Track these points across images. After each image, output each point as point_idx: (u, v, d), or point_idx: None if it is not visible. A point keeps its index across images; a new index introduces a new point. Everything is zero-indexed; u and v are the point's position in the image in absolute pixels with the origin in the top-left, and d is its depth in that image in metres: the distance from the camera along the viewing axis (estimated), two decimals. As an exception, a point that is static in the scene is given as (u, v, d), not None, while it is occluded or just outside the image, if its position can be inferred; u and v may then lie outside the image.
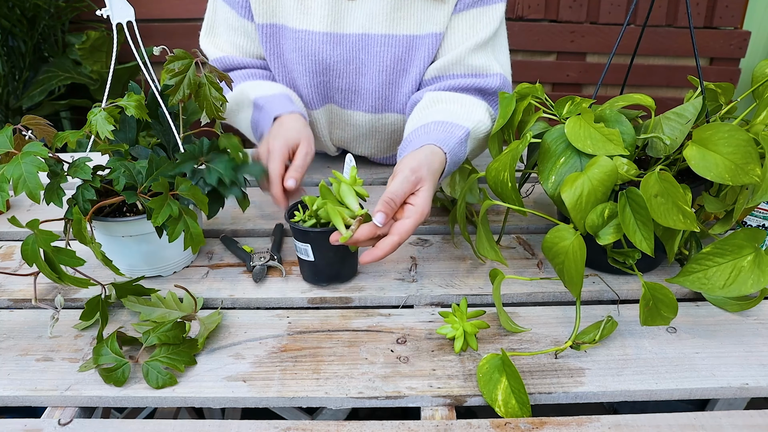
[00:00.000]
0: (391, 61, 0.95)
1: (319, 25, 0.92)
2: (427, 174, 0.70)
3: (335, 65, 0.95)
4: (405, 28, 0.93)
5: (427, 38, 0.94)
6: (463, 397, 0.63)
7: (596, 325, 0.69)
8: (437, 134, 0.78)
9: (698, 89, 0.77)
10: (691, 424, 0.59)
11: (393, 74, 0.96)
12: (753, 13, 2.27)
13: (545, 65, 2.30)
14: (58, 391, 0.63)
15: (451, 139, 0.78)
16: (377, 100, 0.99)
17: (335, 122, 1.06)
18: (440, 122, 0.81)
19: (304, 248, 0.76)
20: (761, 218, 0.89)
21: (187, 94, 0.75)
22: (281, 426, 0.59)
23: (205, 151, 0.77)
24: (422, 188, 0.69)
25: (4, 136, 0.69)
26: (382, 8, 0.91)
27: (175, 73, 0.74)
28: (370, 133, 1.06)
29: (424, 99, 0.91)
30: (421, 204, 0.68)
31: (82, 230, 0.67)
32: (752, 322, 0.73)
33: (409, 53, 0.95)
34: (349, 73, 0.97)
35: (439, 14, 0.92)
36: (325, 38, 0.93)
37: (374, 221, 0.66)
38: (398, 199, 0.67)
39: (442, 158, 0.75)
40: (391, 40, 0.93)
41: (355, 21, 0.93)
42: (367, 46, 0.94)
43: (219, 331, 0.72)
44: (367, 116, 1.02)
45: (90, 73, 2.12)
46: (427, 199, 0.69)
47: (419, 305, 0.78)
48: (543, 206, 1.00)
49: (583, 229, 0.65)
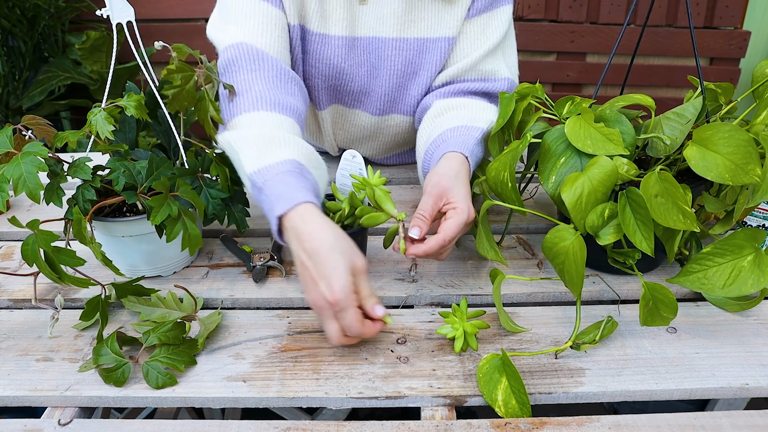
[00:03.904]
0: (402, 65, 0.94)
1: (336, 29, 0.90)
2: (450, 182, 0.74)
3: (349, 69, 0.94)
4: (416, 31, 0.92)
5: (439, 42, 0.93)
6: (463, 397, 0.62)
7: (596, 325, 0.69)
8: (455, 140, 0.81)
9: (698, 89, 0.77)
10: (691, 424, 0.59)
11: (403, 77, 0.96)
12: (753, 13, 2.27)
13: (545, 65, 2.30)
14: (58, 392, 0.63)
15: (469, 141, 0.81)
16: (385, 102, 0.99)
17: (339, 122, 1.05)
18: (455, 128, 0.84)
19: None
20: (761, 218, 0.89)
21: (184, 106, 0.74)
22: (281, 426, 0.59)
23: (205, 167, 0.78)
24: (453, 194, 0.73)
25: (4, 136, 0.69)
26: (393, 11, 0.91)
27: (175, 85, 0.71)
28: (374, 134, 1.06)
29: (433, 107, 0.93)
30: (461, 204, 0.72)
31: (82, 230, 0.67)
32: (752, 322, 0.73)
33: (420, 56, 0.94)
34: (361, 77, 0.96)
35: (451, 18, 0.92)
36: (341, 42, 0.91)
37: (410, 235, 0.71)
38: (427, 213, 0.71)
39: (461, 159, 0.78)
40: (402, 44, 0.92)
41: (367, 24, 0.92)
42: (378, 49, 0.93)
43: (219, 331, 0.72)
44: (372, 118, 1.02)
45: (90, 73, 2.12)
46: (464, 199, 0.72)
47: (419, 305, 0.78)
48: (543, 206, 1.00)
49: (584, 229, 0.65)
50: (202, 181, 0.78)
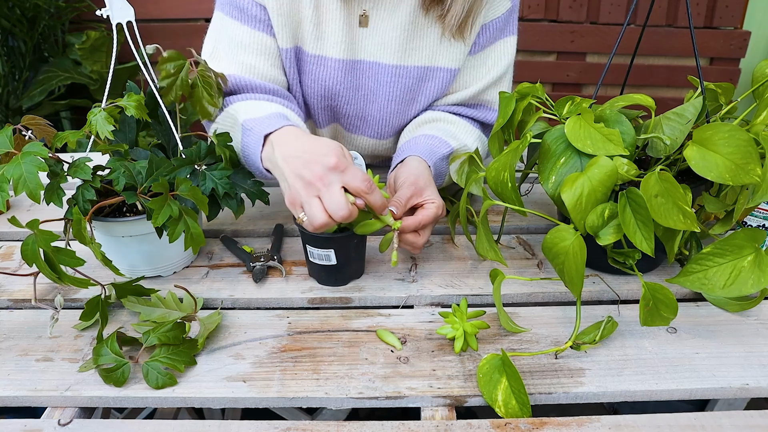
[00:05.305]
0: (400, 92, 0.93)
1: (333, 51, 0.89)
2: (426, 183, 0.80)
3: (344, 92, 0.93)
4: (417, 59, 0.91)
5: (440, 72, 0.93)
6: (463, 398, 0.62)
7: (596, 325, 0.69)
8: (423, 147, 0.87)
9: (698, 89, 0.77)
10: (692, 425, 0.59)
11: (401, 104, 0.95)
12: (753, 13, 2.27)
13: (545, 65, 2.30)
14: (58, 392, 0.63)
15: (435, 155, 0.86)
16: (383, 127, 0.99)
17: (339, 141, 1.06)
18: (430, 136, 0.89)
19: (325, 254, 0.76)
20: (761, 218, 0.89)
21: (179, 95, 0.75)
22: (281, 426, 0.59)
23: (203, 155, 0.77)
24: (429, 193, 0.79)
25: (4, 136, 0.69)
26: (395, 38, 0.89)
27: (169, 74, 0.73)
28: (373, 155, 1.07)
29: (423, 115, 0.96)
30: (438, 201, 0.78)
31: (82, 230, 0.67)
32: (752, 322, 0.73)
33: (419, 84, 0.93)
34: (357, 100, 0.95)
35: (454, 50, 0.91)
36: (338, 65, 0.90)
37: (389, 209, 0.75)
38: (403, 200, 0.76)
39: (427, 166, 0.85)
40: (402, 71, 0.92)
41: (366, 49, 0.90)
42: (377, 74, 0.92)
43: (219, 331, 0.72)
44: (371, 141, 1.02)
45: (90, 73, 2.13)
46: (439, 198, 0.79)
47: (419, 305, 0.78)
48: (543, 206, 1.00)
49: (584, 229, 0.65)
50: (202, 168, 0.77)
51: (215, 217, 0.79)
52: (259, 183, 0.82)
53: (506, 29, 0.94)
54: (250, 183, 0.81)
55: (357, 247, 0.78)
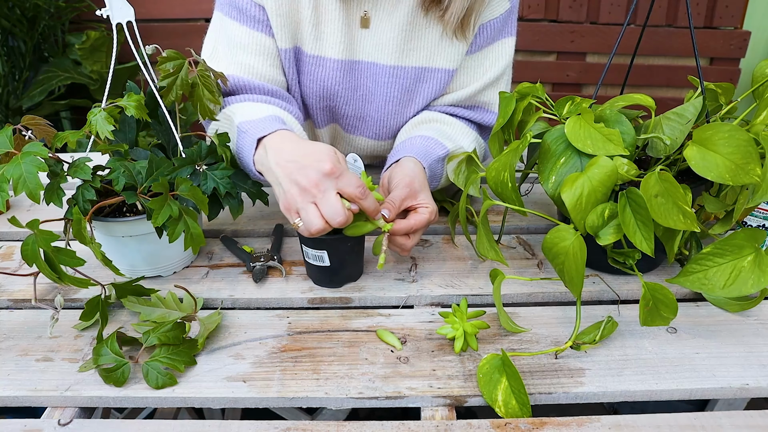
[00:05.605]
0: (398, 92, 0.93)
1: (331, 52, 0.89)
2: (420, 186, 0.80)
3: (343, 92, 0.93)
4: (415, 60, 0.91)
5: (438, 72, 0.93)
6: (463, 398, 0.62)
7: (596, 325, 0.69)
8: (419, 148, 0.86)
9: (698, 89, 0.77)
10: (692, 425, 0.59)
11: (399, 104, 0.95)
12: (753, 13, 2.27)
13: (545, 65, 2.30)
14: (58, 392, 0.63)
15: (431, 156, 0.86)
16: (381, 128, 0.99)
17: (338, 142, 1.06)
18: (426, 137, 0.89)
19: (318, 255, 0.76)
20: (761, 218, 0.89)
21: (180, 94, 0.75)
22: (281, 426, 0.59)
23: (203, 155, 0.77)
24: (423, 196, 0.79)
25: (4, 136, 0.69)
26: (393, 39, 0.89)
27: (168, 73, 0.74)
28: (372, 156, 1.07)
29: (420, 115, 0.96)
30: (432, 206, 0.78)
31: (82, 230, 0.67)
32: (752, 322, 0.73)
33: (417, 85, 0.94)
34: (355, 101, 0.95)
35: (452, 51, 0.91)
36: (336, 65, 0.90)
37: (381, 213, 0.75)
38: (397, 202, 0.76)
39: (422, 168, 0.84)
40: (399, 72, 0.92)
41: (365, 50, 0.91)
42: (375, 75, 0.92)
43: (219, 331, 0.72)
44: (370, 142, 1.02)
45: (90, 73, 2.13)
46: (432, 202, 0.79)
47: (419, 305, 0.78)
48: (543, 206, 1.00)
49: (584, 229, 0.65)
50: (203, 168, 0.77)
51: (215, 217, 0.79)
52: (258, 183, 0.82)
53: (505, 30, 0.94)
54: (250, 183, 0.81)
55: (352, 250, 0.78)
